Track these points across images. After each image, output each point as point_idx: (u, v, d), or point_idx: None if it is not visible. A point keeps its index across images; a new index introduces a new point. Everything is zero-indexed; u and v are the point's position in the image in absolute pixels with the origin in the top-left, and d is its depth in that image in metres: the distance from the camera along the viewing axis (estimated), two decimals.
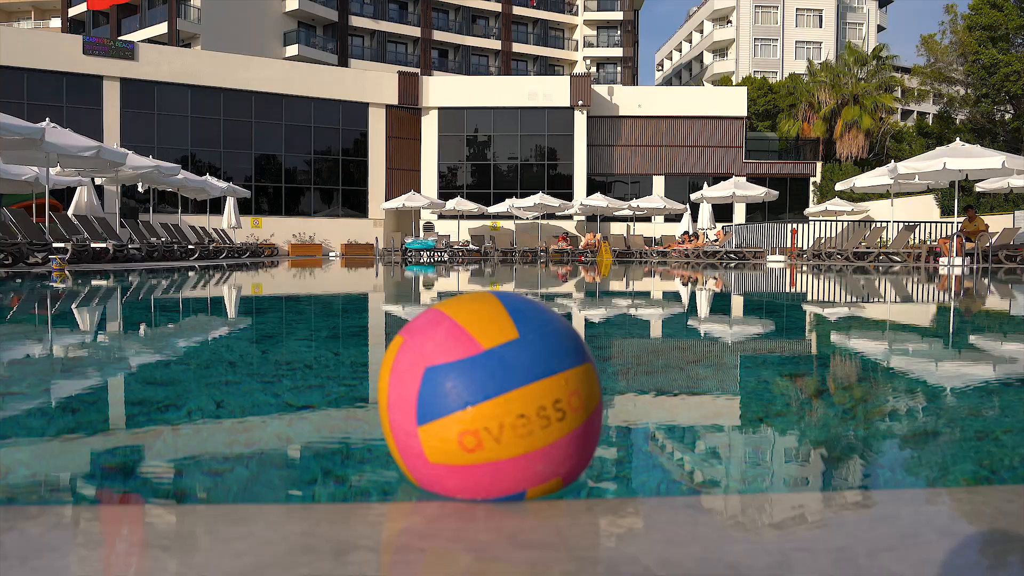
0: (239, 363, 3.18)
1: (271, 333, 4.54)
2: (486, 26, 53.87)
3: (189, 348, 3.73)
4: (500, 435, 1.10)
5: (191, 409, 2.16)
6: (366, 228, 33.42)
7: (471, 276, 16.57)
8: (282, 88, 31.91)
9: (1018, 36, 28.52)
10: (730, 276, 15.50)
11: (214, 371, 2.95)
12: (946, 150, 17.72)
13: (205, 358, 3.40)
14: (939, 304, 7.80)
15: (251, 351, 3.61)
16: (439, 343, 1.17)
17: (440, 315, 1.22)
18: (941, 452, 1.76)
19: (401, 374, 1.18)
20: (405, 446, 1.18)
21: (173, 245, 18.33)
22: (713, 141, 35.75)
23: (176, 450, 1.72)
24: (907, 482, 1.49)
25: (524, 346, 1.14)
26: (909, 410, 2.28)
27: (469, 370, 1.13)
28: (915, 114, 58.52)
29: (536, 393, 1.11)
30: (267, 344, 3.90)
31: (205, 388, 2.53)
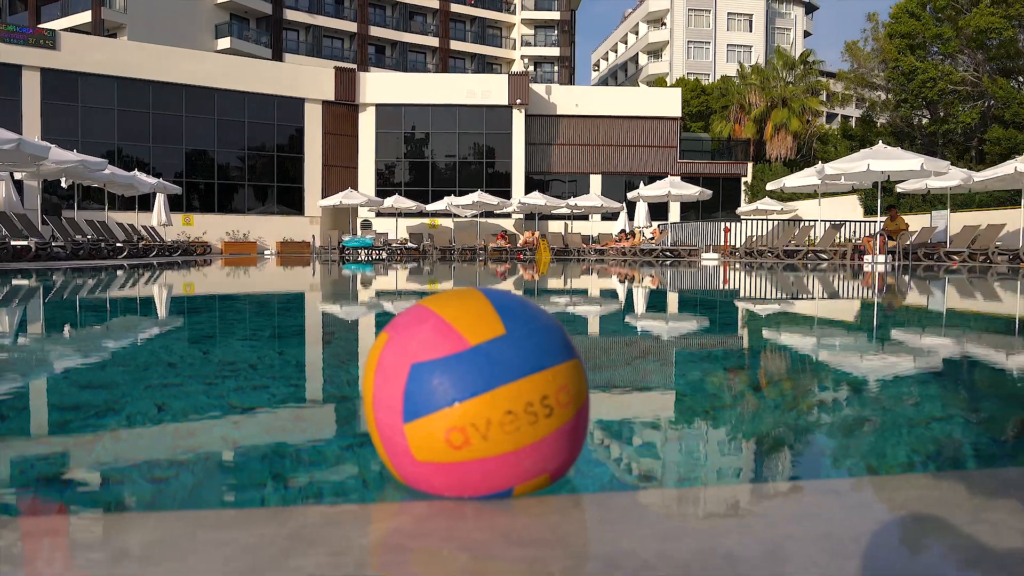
0: (180, 365, 3.08)
1: (206, 334, 4.43)
2: (424, 23, 53.53)
3: (122, 350, 3.60)
4: (488, 432, 1.09)
5: (131, 414, 2.09)
6: (302, 226, 32.81)
7: (410, 274, 16.47)
8: (215, 82, 31.01)
9: (934, 45, 29.83)
10: (667, 274, 15.79)
11: (152, 373, 2.85)
12: (870, 152, 18.42)
13: (141, 360, 3.28)
14: (866, 300, 8.12)
15: (189, 352, 3.51)
16: (425, 340, 1.15)
17: (426, 311, 1.21)
18: (897, 440, 1.84)
19: (387, 371, 1.16)
20: (391, 444, 1.16)
21: (100, 243, 17.66)
22: (648, 141, 36.33)
23: (121, 456, 1.67)
24: (858, 471, 1.55)
25: (511, 342, 1.13)
26: (847, 401, 2.38)
27: (456, 366, 1.11)
28: (839, 117, 60.65)
29: (524, 389, 1.10)
30: (204, 345, 3.80)
31: (144, 391, 2.44)
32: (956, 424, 2.11)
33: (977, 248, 18.96)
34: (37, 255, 13.87)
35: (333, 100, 33.21)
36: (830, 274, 15.41)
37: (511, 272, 16.84)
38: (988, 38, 27.08)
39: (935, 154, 28.98)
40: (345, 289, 10.19)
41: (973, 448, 1.86)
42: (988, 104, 28.20)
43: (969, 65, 29.12)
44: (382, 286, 11.61)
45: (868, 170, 17.65)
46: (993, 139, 25.03)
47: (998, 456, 1.81)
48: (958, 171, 19.61)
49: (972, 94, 28.89)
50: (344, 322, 5.58)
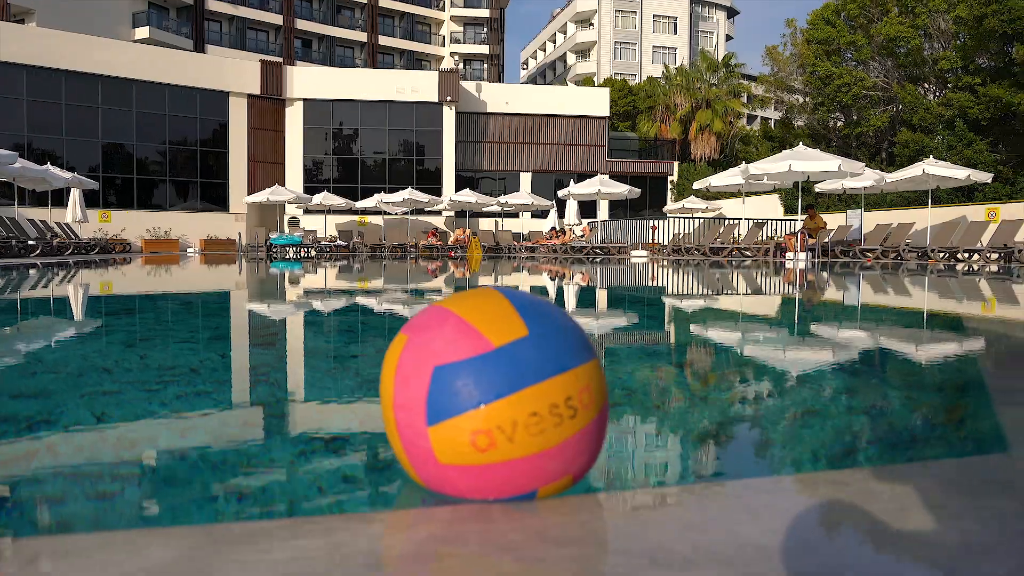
0: (115, 370, 2.95)
1: (141, 336, 4.32)
2: (352, 17, 52.73)
3: (49, 355, 3.42)
4: (513, 434, 1.08)
5: (68, 424, 2.00)
6: (227, 223, 31.90)
7: (341, 272, 16.26)
8: (134, 73, 29.78)
9: (848, 51, 31.15)
10: (600, 271, 16.06)
11: (88, 380, 2.73)
12: (791, 153, 19.14)
13: (73, 367, 3.12)
14: (791, 296, 8.47)
15: (124, 356, 3.36)
16: (447, 341, 1.14)
17: (445, 312, 1.19)
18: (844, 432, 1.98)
19: (408, 373, 1.15)
20: (413, 446, 1.15)
21: (11, 240, 16.82)
22: (578, 140, 36.78)
23: (60, 471, 1.60)
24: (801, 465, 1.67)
25: (534, 343, 1.12)
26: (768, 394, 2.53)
27: (480, 368, 1.10)
28: (759, 119, 62.67)
29: (548, 391, 1.10)
30: (139, 349, 3.71)
31: (80, 400, 2.34)
32: (869, 415, 2.28)
33: (889, 245, 19.97)
34: None
35: (259, 94, 32.40)
36: (755, 271, 15.96)
37: (443, 270, 16.82)
38: (897, 46, 28.48)
39: (849, 155, 30.29)
40: (277, 288, 10.01)
41: (885, 439, 2.01)
42: (897, 109, 29.64)
43: (880, 71, 30.55)
44: (315, 285, 11.45)
45: (789, 170, 18.34)
46: (902, 142, 26.34)
47: (902, 446, 1.96)
48: (871, 172, 20.59)
49: (883, 99, 30.33)
50: (279, 322, 5.51)
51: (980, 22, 22.80)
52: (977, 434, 2.08)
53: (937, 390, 2.90)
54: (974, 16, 22.94)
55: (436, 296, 9.79)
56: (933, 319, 6.10)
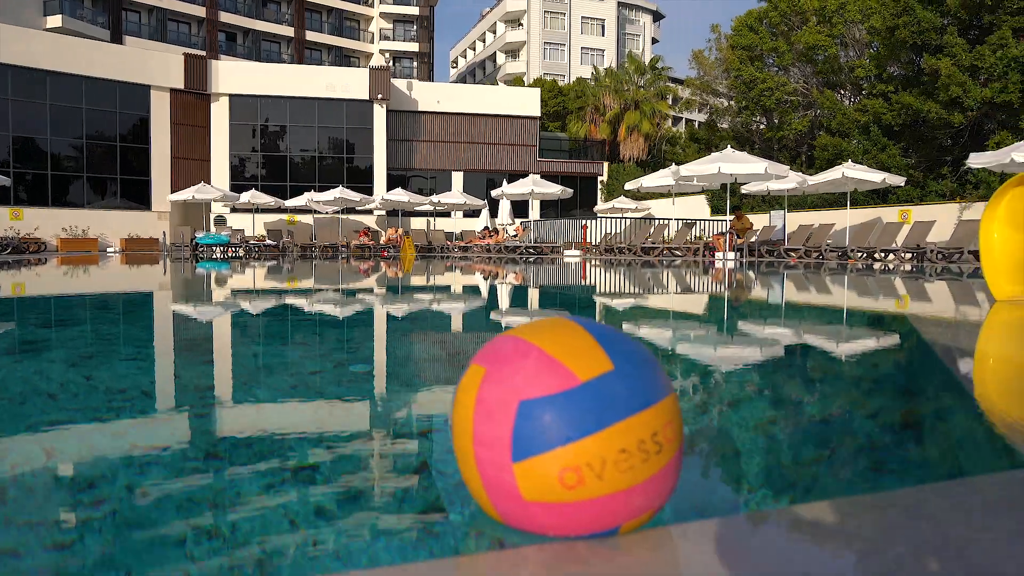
0: (61, 395, 2.64)
1: (83, 354, 4.18)
2: (278, 11, 51.60)
3: None
4: (602, 471, 1.06)
5: (16, 463, 1.80)
6: (149, 221, 30.78)
7: (269, 272, 15.95)
8: (47, 63, 28.38)
9: (770, 57, 32.23)
10: (535, 270, 16.21)
11: (30, 408, 2.42)
12: (720, 156, 19.71)
13: (12, 390, 2.75)
14: (721, 295, 8.77)
15: (69, 377, 3.08)
16: (531, 375, 1.11)
17: (525, 344, 1.16)
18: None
19: (490, 408, 1.12)
20: (495, 482, 1.12)
21: None
22: (509, 139, 36.96)
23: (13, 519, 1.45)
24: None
25: (620, 377, 1.11)
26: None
27: (567, 404, 1.08)
28: (684, 121, 64.20)
29: (636, 426, 1.08)
30: (84, 368, 3.58)
31: (25, 430, 2.11)
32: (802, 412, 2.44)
33: (811, 245, 20.80)
34: None
35: (183, 88, 31.38)
36: (685, 270, 16.39)
37: (375, 270, 16.69)
38: (816, 54, 29.63)
39: (772, 158, 31.33)
40: (200, 289, 9.77)
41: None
42: (816, 113, 30.85)
43: (800, 77, 31.73)
44: (238, 284, 11.21)
45: (719, 172, 18.89)
46: (821, 145, 27.43)
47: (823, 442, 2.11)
48: (795, 175, 21.39)
49: (803, 104, 31.51)
50: (204, 324, 5.40)
51: (892, 33, 23.93)
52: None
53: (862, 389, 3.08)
54: (887, 27, 24.06)
55: (369, 296, 9.72)
56: (866, 317, 6.43)
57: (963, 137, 24.04)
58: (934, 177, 24.40)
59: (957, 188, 22.92)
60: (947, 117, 22.87)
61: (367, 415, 2.37)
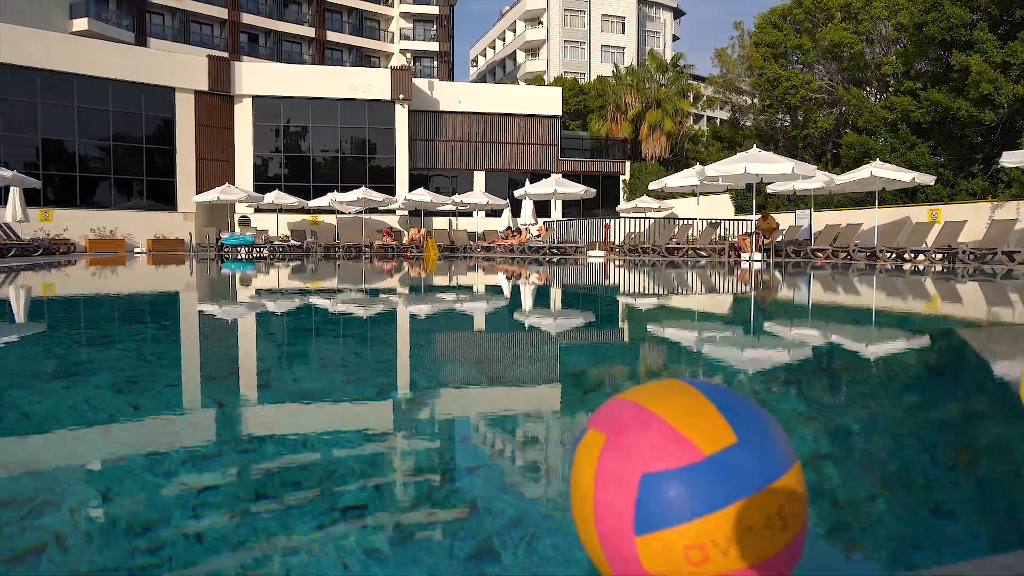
0: (115, 430, 2.46)
1: (128, 378, 4.17)
2: (299, 12, 51.88)
3: (35, 403, 2.78)
4: (728, 548, 1.04)
5: (73, 507, 1.70)
6: (175, 222, 31.07)
7: (293, 272, 16.02)
8: (74, 67, 28.73)
9: (794, 54, 31.94)
10: (561, 271, 16.16)
11: (84, 446, 2.28)
12: (746, 156, 19.54)
13: (62, 421, 2.56)
14: (759, 297, 8.66)
15: (114, 404, 2.82)
16: (654, 447, 1.09)
17: (645, 412, 1.14)
18: None
19: (611, 479, 1.11)
20: (617, 555, 1.10)
21: None
22: (530, 138, 36.91)
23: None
24: None
25: (745, 450, 1.09)
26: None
27: (692, 479, 1.06)
28: (705, 118, 63.83)
29: (762, 502, 1.06)
30: (130, 395, 3.57)
31: (85, 473, 1.99)
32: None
33: (839, 246, 20.56)
34: None
35: (207, 90, 31.62)
36: (711, 270, 16.26)
37: (400, 271, 16.72)
38: (841, 51, 29.31)
39: (796, 156, 31.06)
40: (244, 294, 9.80)
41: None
42: (842, 111, 30.53)
43: (825, 75, 31.41)
44: (262, 284, 11.25)
45: (745, 172, 18.75)
46: (848, 143, 27.13)
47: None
48: (821, 174, 21.16)
49: (828, 101, 31.20)
50: (238, 330, 5.39)
51: (920, 29, 23.61)
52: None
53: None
54: (915, 23, 23.74)
55: (392, 296, 9.71)
56: (916, 323, 6.31)
57: (994, 134, 23.69)
58: (964, 176, 24.06)
59: (988, 187, 22.60)
60: (978, 115, 22.54)
61: (412, 449, 2.25)
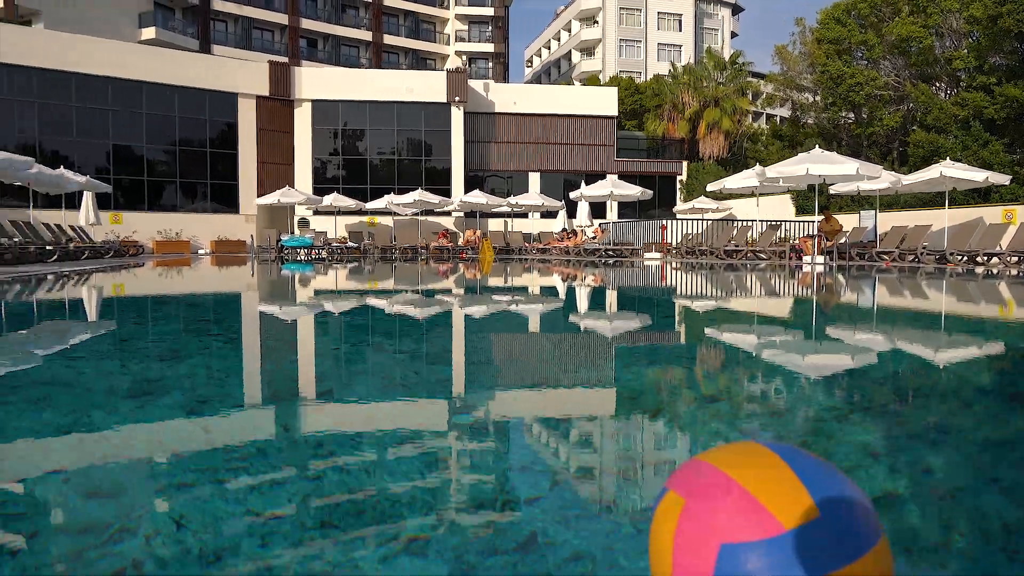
0: (207, 452, 2.42)
1: (227, 396, 4.19)
2: (356, 16, 52.66)
3: (117, 425, 2.72)
4: None
5: (150, 534, 1.68)
6: (237, 224, 31.87)
7: (351, 274, 16.24)
8: (142, 74, 29.76)
9: (859, 50, 31.06)
10: (617, 274, 16.02)
11: (170, 467, 2.23)
12: (808, 156, 19.05)
13: (143, 442, 2.50)
14: (822, 301, 8.40)
15: (217, 430, 2.76)
16: (732, 516, 1.08)
17: (724, 478, 1.13)
18: None
19: (690, 545, 1.09)
20: None
21: (28, 246, 16.76)
22: (586, 139, 36.71)
23: None
24: None
25: (828, 526, 1.06)
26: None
27: (771, 552, 1.04)
28: (765, 116, 62.53)
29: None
30: (239, 424, 3.57)
31: (160, 498, 1.94)
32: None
33: (906, 248, 19.87)
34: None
35: (268, 95, 32.35)
36: (772, 273, 15.91)
37: (456, 273, 16.80)
38: (909, 45, 28.39)
39: (860, 155, 30.22)
40: (314, 296, 9.95)
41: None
42: (909, 108, 29.56)
43: (891, 70, 30.46)
44: (321, 285, 11.40)
45: (807, 174, 18.27)
46: (916, 142, 26.25)
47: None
48: (888, 175, 20.51)
49: (894, 98, 30.25)
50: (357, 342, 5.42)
51: (995, 21, 22.72)
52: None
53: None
54: (988, 16, 22.85)
55: (452, 299, 9.73)
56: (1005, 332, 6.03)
57: None
58: None
59: None
60: None
61: (468, 483, 2.20)
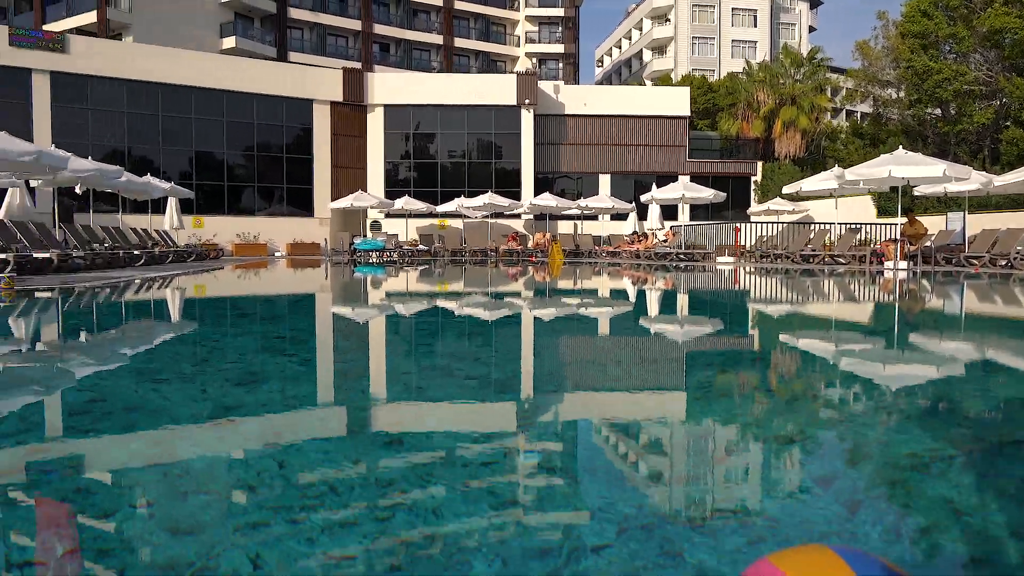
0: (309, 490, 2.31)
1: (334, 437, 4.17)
2: (427, 20, 53.29)
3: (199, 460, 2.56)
4: None
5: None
6: (312, 227, 32.69)
7: (421, 276, 16.38)
8: (222, 83, 30.86)
9: (946, 43, 29.69)
10: (690, 279, 15.70)
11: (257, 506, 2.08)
12: (891, 158, 18.28)
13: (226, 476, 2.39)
14: (905, 308, 7.97)
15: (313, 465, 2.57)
16: None
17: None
18: None
19: None
20: None
21: (117, 251, 17.53)
22: (657, 140, 36.20)
23: None
24: None
25: None
26: None
27: None
28: (844, 112, 60.43)
29: None
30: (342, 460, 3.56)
31: (236, 536, 1.84)
32: None
33: (998, 252, 18.82)
34: (59, 267, 13.75)
35: (341, 101, 33.07)
36: (853, 280, 15.31)
37: (527, 278, 16.76)
38: (1002, 37, 26.96)
39: (948, 153, 28.90)
40: (389, 298, 10.06)
41: None
42: (1002, 103, 28.08)
43: (983, 64, 28.99)
44: (392, 287, 11.50)
45: (889, 176, 17.54)
46: (1009, 139, 24.92)
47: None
48: (978, 175, 19.47)
49: (985, 93, 28.77)
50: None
51: None
52: None
53: None
54: None
55: (516, 300, 9.67)
56: None
57: None
58: None
59: None
60: None
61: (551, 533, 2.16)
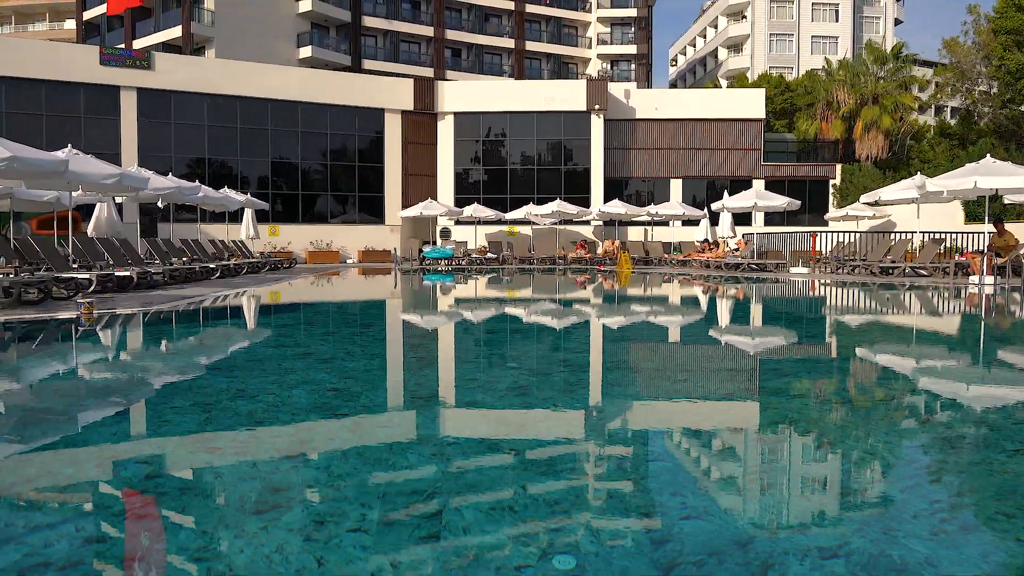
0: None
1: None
2: (499, 24, 53.49)
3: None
4: None
5: None
6: (383, 234, 33.28)
7: (489, 284, 16.42)
8: (298, 95, 31.79)
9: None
10: (761, 291, 15.26)
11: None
12: (976, 167, 17.34)
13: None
14: (991, 323, 7.43)
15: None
16: None
17: None
18: None
19: None
20: None
21: (195, 265, 18.21)
22: (731, 144, 35.37)
23: None
24: None
25: None
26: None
27: None
28: (933, 110, 57.74)
29: None
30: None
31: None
32: None
33: None
34: (138, 284, 14.36)
35: (412, 110, 33.56)
36: (936, 295, 14.60)
37: (592, 282, 16.63)
38: None
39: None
40: (467, 315, 10.09)
41: None
42: None
43: None
44: (461, 294, 11.52)
45: (975, 187, 16.64)
46: None
47: None
48: None
49: None
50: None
51: None
52: None
53: None
54: None
55: (586, 307, 9.57)
56: None
57: None
58: None
59: None
60: None
61: None
